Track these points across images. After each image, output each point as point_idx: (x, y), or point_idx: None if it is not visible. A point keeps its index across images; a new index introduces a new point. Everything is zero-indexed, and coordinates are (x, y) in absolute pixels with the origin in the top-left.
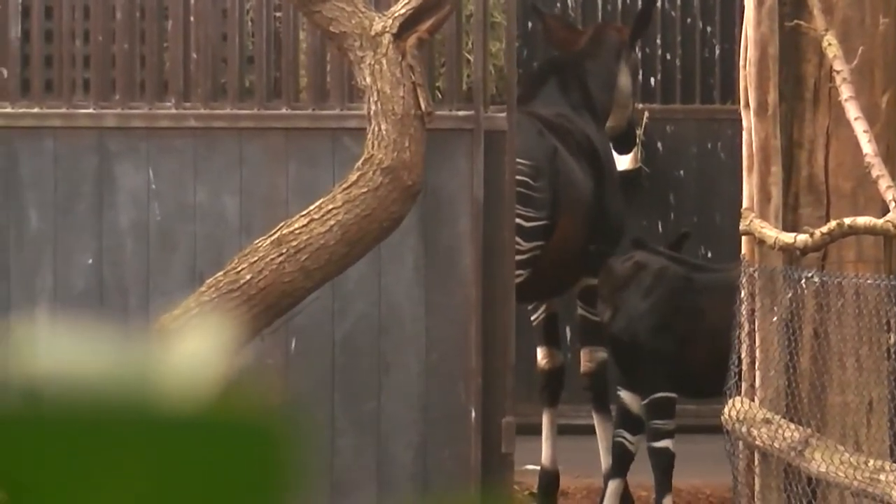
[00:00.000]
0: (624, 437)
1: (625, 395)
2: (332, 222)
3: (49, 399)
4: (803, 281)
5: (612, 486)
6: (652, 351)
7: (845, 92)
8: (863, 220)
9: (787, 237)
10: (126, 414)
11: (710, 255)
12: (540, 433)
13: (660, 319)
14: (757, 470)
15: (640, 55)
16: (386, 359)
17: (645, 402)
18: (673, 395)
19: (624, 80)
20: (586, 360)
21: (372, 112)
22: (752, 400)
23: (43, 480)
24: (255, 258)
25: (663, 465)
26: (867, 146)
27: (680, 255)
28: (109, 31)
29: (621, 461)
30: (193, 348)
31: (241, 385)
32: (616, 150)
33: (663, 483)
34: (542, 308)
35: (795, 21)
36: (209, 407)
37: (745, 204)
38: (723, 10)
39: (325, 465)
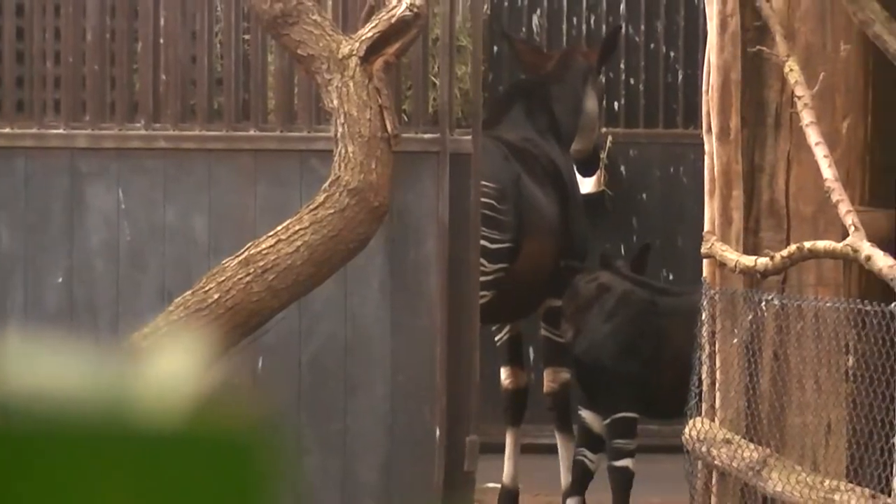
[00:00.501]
0: (585, 456)
1: (586, 414)
2: (299, 243)
3: (26, 415)
4: (764, 304)
5: (571, 503)
6: (614, 372)
7: (806, 117)
8: (823, 244)
9: (748, 260)
10: (103, 429)
11: (672, 277)
12: (503, 452)
13: (623, 342)
14: (714, 489)
15: (604, 80)
16: (352, 379)
17: (607, 421)
18: (635, 415)
19: (590, 103)
20: (549, 380)
21: (339, 134)
22: (713, 420)
23: (20, 496)
24: (224, 277)
25: (623, 484)
26: (828, 171)
27: (643, 278)
28: (80, 52)
29: (581, 479)
30: (167, 365)
31: (215, 401)
32: (580, 173)
33: (621, 502)
34: (506, 329)
35: (758, 47)
36: (185, 422)
37: (706, 227)
38: (686, 35)
39: (292, 485)
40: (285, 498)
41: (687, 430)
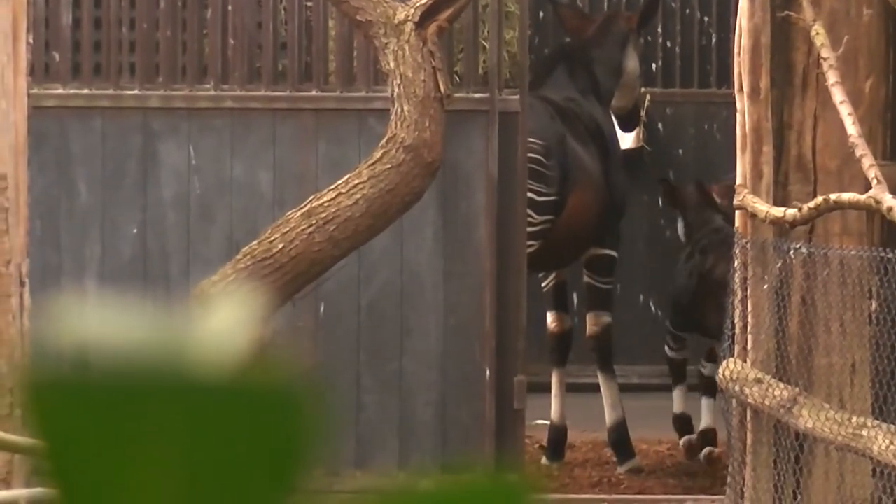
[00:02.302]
0: None
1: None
2: (358, 196)
3: (87, 365)
4: (792, 252)
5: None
6: None
7: (831, 78)
8: (847, 196)
9: (778, 211)
10: (161, 379)
11: None
12: (549, 391)
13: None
14: (749, 426)
15: (643, 42)
16: (407, 323)
17: None
18: None
19: (631, 63)
20: (591, 323)
21: (395, 94)
22: (745, 361)
23: (81, 445)
24: (287, 229)
25: None
26: (851, 128)
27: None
28: (153, 18)
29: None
30: (226, 315)
31: (272, 351)
32: (621, 129)
33: None
34: (552, 276)
35: (786, 12)
36: (242, 374)
37: (738, 181)
38: (719, 1)
39: (352, 420)
40: (335, 445)
41: (721, 370)
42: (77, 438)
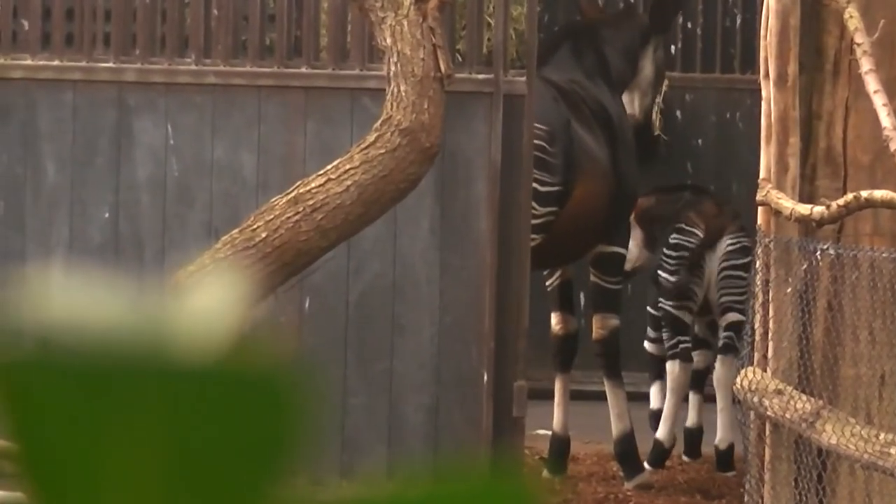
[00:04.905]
0: None
1: None
2: (349, 182)
3: (61, 347)
4: (818, 253)
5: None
6: None
7: (865, 65)
8: (880, 194)
9: (804, 209)
10: (140, 362)
11: None
12: (552, 398)
13: None
14: (768, 440)
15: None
16: (400, 320)
17: None
18: None
19: (648, 66)
20: (598, 326)
21: (391, 73)
22: (765, 370)
23: (54, 429)
24: (272, 216)
25: None
26: (886, 119)
27: None
28: None
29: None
30: (209, 300)
31: (256, 338)
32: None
33: None
34: (557, 274)
35: None
36: (225, 358)
37: (762, 174)
38: None
39: (337, 424)
40: (321, 436)
41: (738, 379)
42: (50, 425)
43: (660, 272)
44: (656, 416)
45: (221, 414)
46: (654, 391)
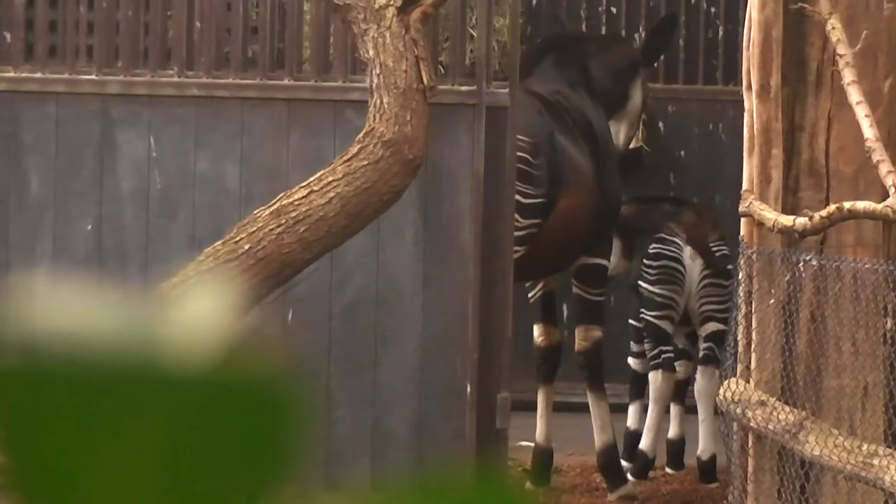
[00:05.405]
0: None
1: None
2: (332, 194)
3: (53, 357)
4: (801, 264)
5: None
6: None
7: (848, 76)
8: (862, 205)
9: (787, 220)
10: (129, 371)
11: None
12: (535, 410)
13: None
14: (751, 451)
15: (643, 34)
16: (383, 332)
17: None
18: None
19: (636, 95)
20: (581, 338)
21: (374, 85)
22: (748, 381)
23: (46, 439)
24: (255, 228)
25: None
26: (868, 131)
27: None
28: None
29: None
30: (199, 309)
31: (243, 349)
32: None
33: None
34: (540, 285)
35: (800, 4)
36: (217, 367)
37: (745, 186)
38: None
39: (321, 436)
40: (311, 446)
41: (722, 391)
42: (41, 436)
43: (640, 283)
44: (633, 436)
45: (214, 423)
46: (631, 410)
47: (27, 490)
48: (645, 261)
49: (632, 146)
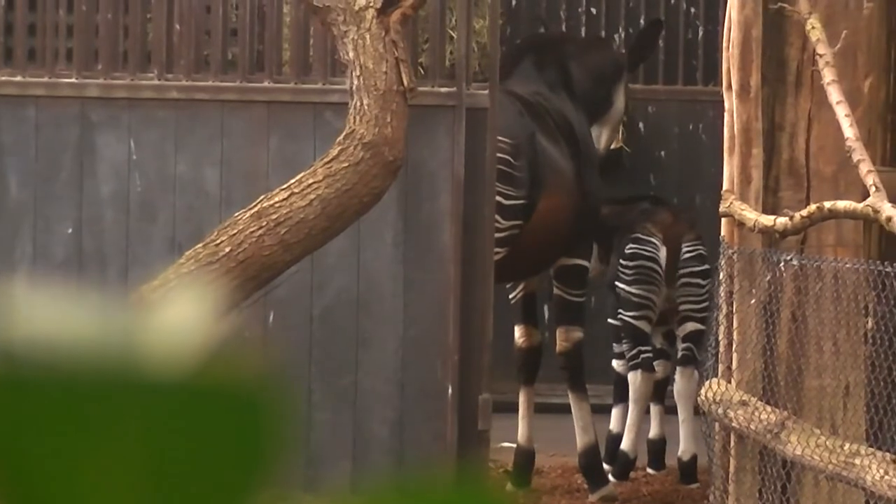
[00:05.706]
0: None
1: None
2: (312, 196)
3: (33, 363)
4: (782, 264)
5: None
6: None
7: (828, 76)
8: (843, 204)
9: (767, 220)
10: (110, 376)
11: None
12: (516, 411)
13: None
14: (732, 451)
15: (623, 35)
16: (364, 334)
17: None
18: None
19: (619, 101)
20: (562, 339)
21: (354, 87)
22: (729, 381)
23: (26, 446)
24: (235, 231)
25: None
26: (849, 130)
27: None
28: (93, 0)
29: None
30: (179, 313)
31: (224, 353)
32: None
33: None
34: (521, 287)
35: (779, 4)
36: (198, 372)
37: (725, 186)
38: None
39: (302, 439)
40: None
41: (703, 391)
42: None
43: (617, 283)
44: (615, 439)
45: (194, 427)
46: (615, 413)
47: (10, 497)
48: (621, 261)
49: (612, 147)
